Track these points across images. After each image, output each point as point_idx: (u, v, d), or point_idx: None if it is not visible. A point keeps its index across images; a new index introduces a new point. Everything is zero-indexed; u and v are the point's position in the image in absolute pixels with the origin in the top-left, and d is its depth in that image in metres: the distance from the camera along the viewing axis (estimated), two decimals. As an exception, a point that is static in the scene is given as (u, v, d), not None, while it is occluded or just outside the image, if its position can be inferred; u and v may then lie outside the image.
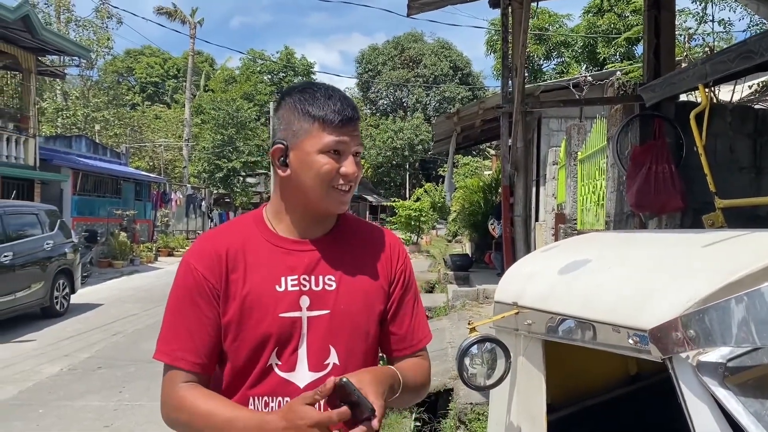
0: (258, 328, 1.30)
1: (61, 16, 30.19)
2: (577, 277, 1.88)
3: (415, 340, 1.47)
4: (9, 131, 15.26)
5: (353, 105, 1.36)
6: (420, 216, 23.77)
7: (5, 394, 5.96)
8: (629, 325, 1.44)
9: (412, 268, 1.52)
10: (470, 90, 56.03)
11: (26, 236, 9.49)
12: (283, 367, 1.31)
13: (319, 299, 1.34)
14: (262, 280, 1.33)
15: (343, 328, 1.35)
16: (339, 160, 1.33)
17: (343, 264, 1.38)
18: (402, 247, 1.51)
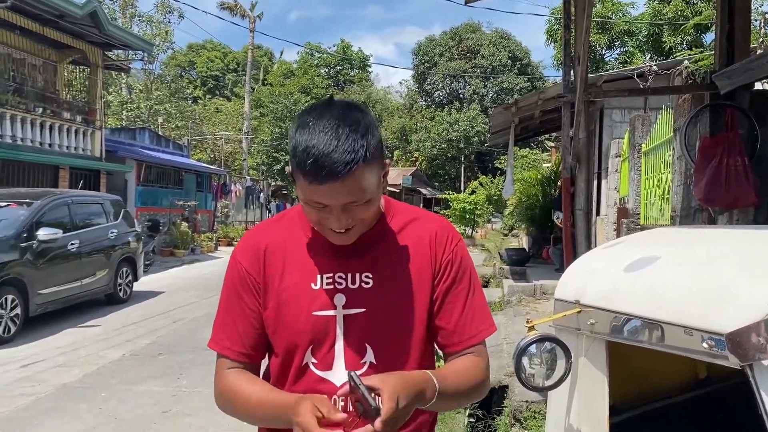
0: (292, 325, 1.31)
1: (125, 12, 31.10)
2: (644, 275, 1.77)
3: (466, 335, 1.35)
4: (77, 123, 15.85)
5: (341, 151, 1.13)
6: (475, 209, 23.55)
7: (71, 378, 6.18)
8: (703, 328, 1.34)
9: (466, 256, 1.39)
10: (529, 80, 55.08)
11: (92, 225, 9.82)
12: (320, 366, 1.31)
13: (355, 297, 1.30)
14: (299, 277, 1.32)
15: (380, 327, 1.29)
16: (326, 211, 1.21)
17: (382, 260, 1.32)
18: (452, 234, 1.39)
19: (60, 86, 16.55)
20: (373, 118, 1.24)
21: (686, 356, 1.49)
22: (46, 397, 5.58)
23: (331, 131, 1.15)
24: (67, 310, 9.10)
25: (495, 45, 59.98)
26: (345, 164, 1.13)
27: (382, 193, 1.30)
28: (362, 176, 1.16)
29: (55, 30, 14.74)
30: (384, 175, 1.27)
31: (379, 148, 1.22)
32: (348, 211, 1.21)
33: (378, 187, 1.24)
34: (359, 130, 1.17)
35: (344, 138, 1.14)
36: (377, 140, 1.21)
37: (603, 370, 1.89)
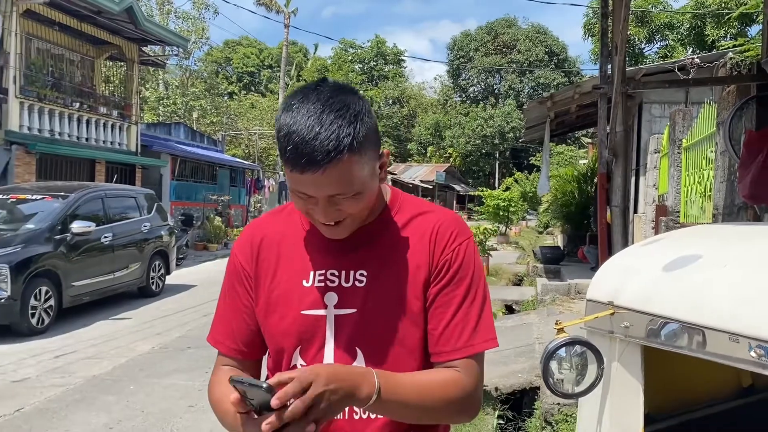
0: (280, 324, 1.23)
1: (162, 8, 31.53)
2: (684, 276, 1.63)
3: (450, 347, 1.18)
4: (113, 118, 16.08)
5: (324, 137, 1.03)
6: (509, 206, 23.25)
7: (101, 369, 6.22)
8: (752, 335, 1.20)
9: (469, 257, 1.22)
10: (566, 75, 54.27)
11: (125, 219, 9.92)
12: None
13: (347, 296, 1.19)
14: (292, 273, 1.24)
15: (371, 330, 1.18)
16: (311, 202, 1.12)
17: (378, 257, 1.21)
18: (457, 230, 1.23)
19: (97, 81, 16.82)
20: (366, 103, 1.12)
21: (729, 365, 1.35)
22: (75, 388, 5.62)
23: (314, 116, 1.05)
24: (100, 302, 9.22)
25: (531, 40, 59.28)
26: (327, 153, 1.03)
27: (376, 185, 1.17)
28: (348, 167, 1.06)
29: (93, 26, 14.98)
30: (381, 166, 1.16)
31: (372, 136, 1.11)
32: (334, 204, 1.11)
33: (371, 179, 1.13)
34: (346, 116, 1.06)
35: (328, 124, 1.04)
36: (369, 127, 1.10)
37: (638, 377, 1.76)
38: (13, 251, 7.50)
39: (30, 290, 7.53)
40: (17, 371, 6.09)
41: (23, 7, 12.93)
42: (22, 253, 7.58)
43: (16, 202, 8.87)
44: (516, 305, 10.72)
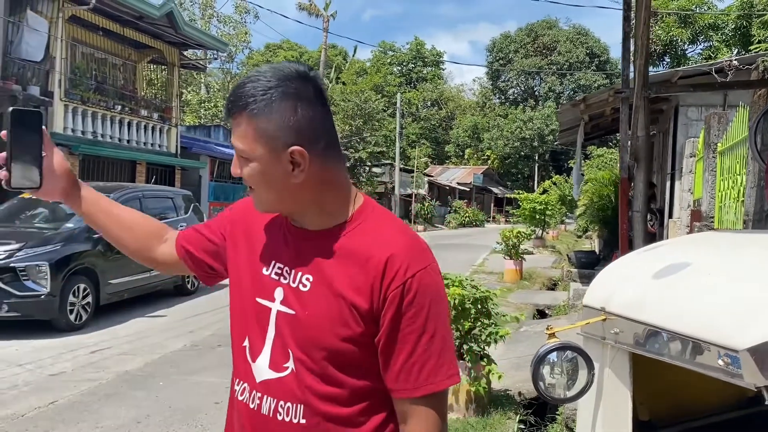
0: (240, 305, 1.29)
1: (204, 13, 32.14)
2: (672, 284, 1.64)
3: (410, 384, 1.16)
4: (154, 121, 16.49)
5: (239, 91, 1.15)
6: (546, 209, 22.99)
7: (134, 365, 6.41)
8: (720, 343, 1.21)
9: (425, 290, 1.16)
10: (607, 77, 53.39)
11: (163, 219, 10.16)
12: (251, 354, 1.25)
13: (291, 296, 1.22)
14: (258, 257, 1.29)
15: (304, 336, 1.19)
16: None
17: (326, 267, 1.20)
18: (409, 265, 1.15)
19: (139, 85, 17.27)
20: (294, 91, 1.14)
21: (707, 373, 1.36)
22: (108, 383, 5.80)
23: (247, 76, 1.18)
24: (136, 299, 9.47)
25: (572, 41, 58.53)
26: (234, 101, 1.16)
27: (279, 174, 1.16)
28: (245, 126, 1.15)
29: (135, 30, 15.40)
30: (294, 164, 1.15)
31: (284, 114, 1.13)
32: (240, 160, 1.19)
33: (269, 159, 1.15)
34: (266, 81, 1.14)
35: (251, 81, 1.15)
36: (281, 104, 1.13)
37: (627, 384, 1.77)
38: (53, 249, 7.78)
39: (69, 287, 7.79)
40: (54, 365, 6.32)
41: (69, 13, 13.38)
42: (62, 251, 7.86)
43: (58, 202, 9.18)
44: (548, 310, 10.64)
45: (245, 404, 1.25)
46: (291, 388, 1.19)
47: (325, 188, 1.21)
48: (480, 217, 43.65)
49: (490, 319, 4.97)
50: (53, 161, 1.33)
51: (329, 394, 1.18)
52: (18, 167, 1.26)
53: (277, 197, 1.20)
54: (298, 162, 1.15)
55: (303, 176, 1.16)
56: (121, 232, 1.44)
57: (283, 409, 1.20)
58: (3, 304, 7.30)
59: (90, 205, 1.42)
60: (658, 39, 20.18)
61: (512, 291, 11.69)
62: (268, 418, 1.21)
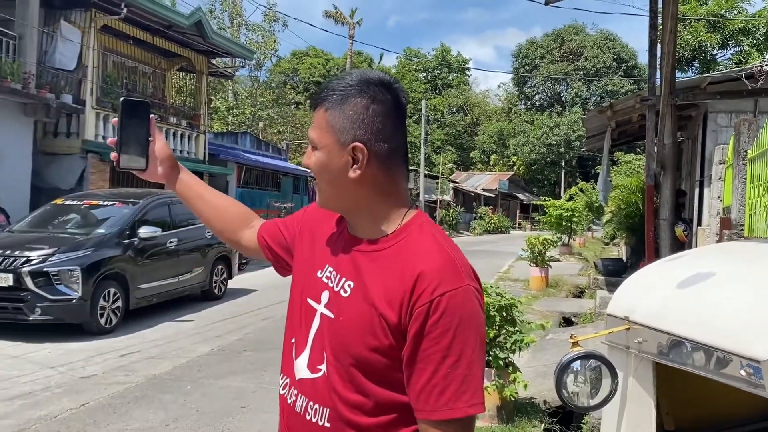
0: (293, 302, 1.36)
1: (234, 21, 32.54)
2: (696, 293, 1.64)
3: (429, 406, 1.14)
4: (183, 128, 16.75)
5: (325, 88, 1.26)
6: (572, 216, 22.77)
7: (162, 369, 6.51)
8: (742, 354, 1.22)
9: (453, 312, 1.14)
10: (635, 83, 52.79)
11: (190, 224, 10.29)
12: (295, 351, 1.32)
13: (334, 301, 1.26)
14: (316, 259, 1.35)
15: (338, 341, 1.23)
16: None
17: (366, 276, 1.22)
18: (440, 284, 1.14)
19: (168, 92, 17.56)
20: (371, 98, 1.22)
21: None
22: (136, 386, 5.91)
23: (344, 74, 1.27)
24: (164, 304, 9.61)
25: (599, 47, 58.01)
26: (318, 96, 1.25)
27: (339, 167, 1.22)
28: (321, 117, 1.23)
29: (164, 39, 15.68)
30: (355, 159, 1.21)
31: (353, 110, 1.21)
32: (310, 151, 1.27)
33: (331, 151, 1.23)
34: (349, 81, 1.23)
35: (337, 80, 1.25)
36: (353, 101, 1.22)
37: (650, 393, 1.77)
38: (84, 254, 7.94)
39: (99, 291, 7.95)
40: (85, 368, 6.45)
41: (101, 23, 13.68)
42: (93, 256, 8.02)
43: (90, 208, 9.40)
44: (574, 318, 10.54)
45: (285, 398, 1.32)
46: (321, 391, 1.23)
47: (380, 194, 1.24)
48: (505, 224, 43.40)
49: (515, 326, 4.95)
50: (157, 147, 1.49)
51: (355, 402, 1.20)
52: (127, 151, 1.44)
53: (333, 190, 1.26)
54: (357, 157, 1.21)
55: (359, 173, 1.21)
56: (211, 214, 1.59)
57: (311, 409, 1.24)
58: (36, 307, 7.47)
59: (186, 188, 1.58)
60: (686, 44, 19.93)
61: (538, 298, 11.61)
62: (299, 415, 1.26)
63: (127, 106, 1.45)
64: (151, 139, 1.48)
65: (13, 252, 7.74)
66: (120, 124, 1.44)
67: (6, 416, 5.01)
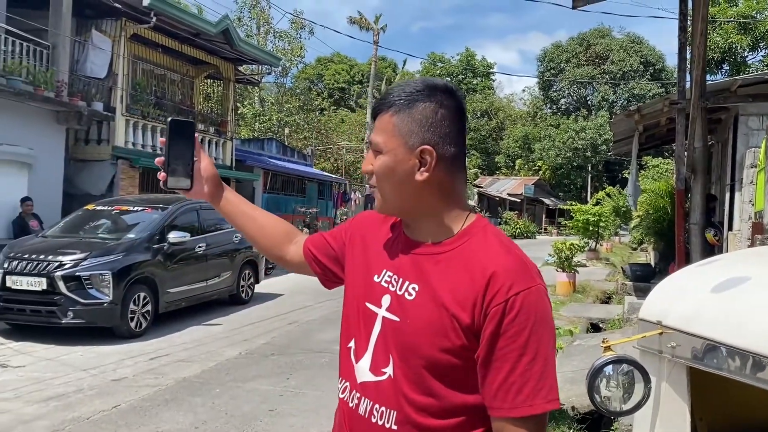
0: (353, 307, 1.37)
1: (260, 29, 32.87)
2: (731, 297, 1.63)
3: (507, 404, 1.15)
4: (210, 134, 16.95)
5: (388, 95, 1.28)
6: (599, 221, 22.54)
7: (191, 372, 6.59)
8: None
9: (528, 311, 1.16)
10: (663, 86, 52.11)
11: (218, 229, 10.43)
12: (355, 355, 1.33)
13: (397, 304, 1.27)
14: (371, 264, 1.37)
15: (405, 343, 1.24)
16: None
17: (433, 278, 1.24)
18: (514, 283, 1.17)
19: (196, 99, 17.80)
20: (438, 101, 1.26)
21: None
22: (167, 388, 5.99)
23: (398, 83, 1.33)
24: (193, 308, 9.72)
25: (626, 50, 57.40)
26: (381, 102, 1.28)
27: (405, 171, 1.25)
28: (387, 121, 1.26)
29: (192, 47, 15.92)
30: (421, 161, 1.24)
31: (422, 114, 1.25)
32: (372, 155, 1.30)
33: (397, 153, 1.25)
34: (415, 88, 1.27)
35: (401, 87, 1.28)
36: (421, 105, 1.25)
37: (684, 398, 1.76)
38: (115, 259, 8.08)
39: (130, 296, 8.08)
40: (116, 371, 6.56)
41: (130, 31, 13.94)
42: (124, 261, 8.15)
43: (120, 213, 9.56)
44: (602, 323, 10.43)
45: (346, 402, 1.33)
46: (387, 393, 1.24)
47: (444, 197, 1.27)
48: (531, 229, 43.10)
49: (543, 332, 4.92)
50: (202, 166, 1.52)
51: (423, 404, 1.21)
52: (174, 170, 1.46)
53: (398, 194, 1.28)
54: (425, 160, 1.24)
55: (426, 176, 1.24)
56: (255, 232, 1.61)
57: (377, 412, 1.25)
58: (69, 311, 7.62)
59: (232, 206, 1.60)
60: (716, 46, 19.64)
61: (565, 304, 11.51)
62: (363, 418, 1.27)
63: (175, 126, 1.47)
64: (196, 159, 1.50)
65: (47, 257, 7.91)
66: (167, 144, 1.46)
67: (41, 417, 5.12)
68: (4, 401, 5.48)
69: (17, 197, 10.78)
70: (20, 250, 8.16)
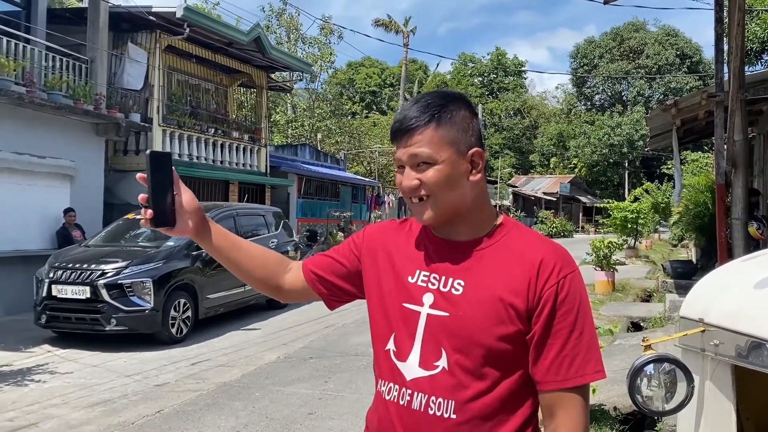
0: (385, 310, 1.40)
1: (290, 36, 33.19)
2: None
3: (561, 377, 1.26)
4: (245, 142, 17.16)
5: (416, 110, 1.31)
6: (638, 218, 22.14)
7: (232, 377, 6.68)
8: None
9: (575, 290, 1.29)
10: (700, 79, 50.97)
11: (255, 235, 10.57)
12: (398, 355, 1.36)
13: (442, 300, 1.33)
14: (402, 268, 1.40)
15: (458, 335, 1.30)
16: (402, 173, 1.35)
17: (479, 272, 1.33)
18: (561, 264, 1.30)
19: (230, 108, 18.04)
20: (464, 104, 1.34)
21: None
22: (207, 393, 6.08)
23: (415, 100, 1.35)
24: (232, 313, 9.86)
25: (661, 43, 56.35)
26: (415, 118, 1.30)
27: (461, 173, 1.32)
28: (429, 135, 1.30)
29: (225, 56, 16.13)
30: (474, 165, 1.33)
31: (460, 125, 1.32)
32: (416, 170, 1.31)
33: (451, 160, 1.30)
34: (439, 102, 1.32)
35: (422, 103, 1.32)
36: (456, 117, 1.31)
37: (730, 397, 1.72)
38: (155, 266, 8.24)
39: (170, 302, 8.24)
40: (158, 376, 6.68)
41: (165, 43, 14.20)
42: (164, 268, 8.32)
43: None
44: (643, 322, 10.24)
45: (394, 402, 1.34)
46: (442, 385, 1.29)
47: (484, 196, 1.38)
48: (568, 228, 42.55)
49: (582, 331, 4.86)
50: (184, 200, 1.41)
51: (479, 390, 1.28)
52: (159, 207, 1.34)
53: (452, 199, 1.33)
54: (477, 162, 1.34)
55: (479, 176, 1.34)
56: (249, 263, 1.52)
57: (434, 404, 1.29)
58: (112, 318, 7.80)
59: (222, 239, 1.49)
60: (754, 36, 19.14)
61: (604, 303, 11.34)
62: (419, 413, 1.30)
63: (154, 159, 1.35)
64: (176, 193, 1.38)
65: (90, 266, 8.11)
66: (149, 179, 1.33)
67: (88, 422, 5.25)
68: (52, 407, 5.64)
69: (60, 208, 11.08)
70: (64, 260, 8.38)
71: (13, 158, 10.41)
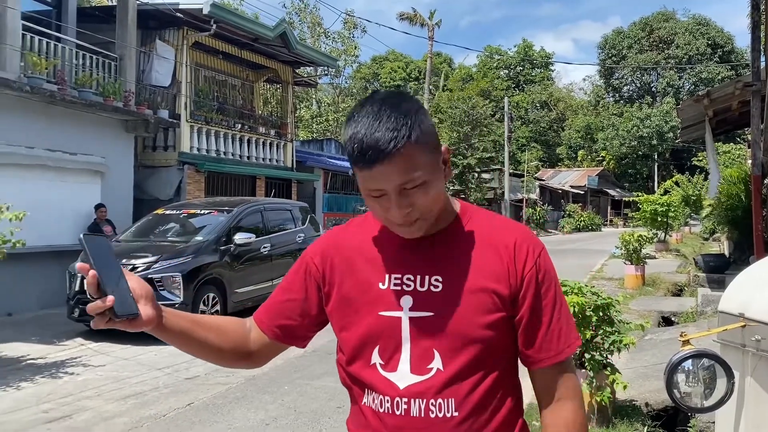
0: (360, 324, 1.30)
1: (313, 31, 33.28)
2: (820, 287, 1.54)
3: (553, 352, 1.28)
4: (271, 137, 17.27)
5: (386, 128, 1.13)
6: (668, 211, 21.78)
7: (260, 370, 6.70)
8: None
9: (549, 266, 1.31)
10: (732, 69, 49.94)
11: (282, 230, 10.63)
12: (386, 367, 1.28)
13: (423, 300, 1.26)
14: (368, 276, 1.31)
15: (448, 333, 1.24)
16: (385, 200, 1.19)
17: (453, 264, 1.27)
18: (533, 244, 1.30)
19: (256, 103, 18.16)
20: (418, 103, 1.23)
21: None
22: (237, 387, 6.14)
23: (372, 115, 1.17)
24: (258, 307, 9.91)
25: (691, 33, 55.32)
26: (389, 141, 1.13)
27: (441, 179, 1.24)
28: (411, 154, 1.15)
29: (251, 52, 16.24)
30: (444, 161, 1.25)
31: (429, 129, 1.21)
32: (406, 196, 1.18)
33: (435, 171, 1.21)
34: (401, 111, 1.17)
35: (386, 118, 1.15)
36: (424, 122, 1.19)
37: (772, 394, 1.67)
38: (185, 261, 8.34)
39: (199, 296, 8.33)
40: (189, 369, 6.76)
41: (192, 40, 14.34)
42: (193, 263, 8.40)
43: (188, 217, 9.86)
44: (674, 317, 10.09)
45: (389, 414, 1.26)
46: (441, 386, 1.24)
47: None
48: (596, 221, 42.09)
49: (613, 326, 4.79)
50: (134, 284, 1.19)
51: (475, 382, 1.25)
52: (115, 294, 1.12)
53: (440, 205, 1.28)
54: (446, 159, 1.27)
55: (449, 171, 1.28)
56: (217, 338, 1.36)
57: (434, 406, 1.24)
58: (143, 312, 7.90)
59: (182, 320, 1.31)
60: (790, 24, 18.68)
61: (634, 297, 11.18)
62: (419, 419, 1.24)
63: (89, 242, 1.14)
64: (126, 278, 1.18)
65: (120, 261, 8.21)
66: (93, 264, 1.12)
67: (120, 415, 5.33)
68: (86, 399, 5.74)
69: (91, 204, 11.26)
70: (96, 255, 8.50)
71: (45, 155, 10.61)
